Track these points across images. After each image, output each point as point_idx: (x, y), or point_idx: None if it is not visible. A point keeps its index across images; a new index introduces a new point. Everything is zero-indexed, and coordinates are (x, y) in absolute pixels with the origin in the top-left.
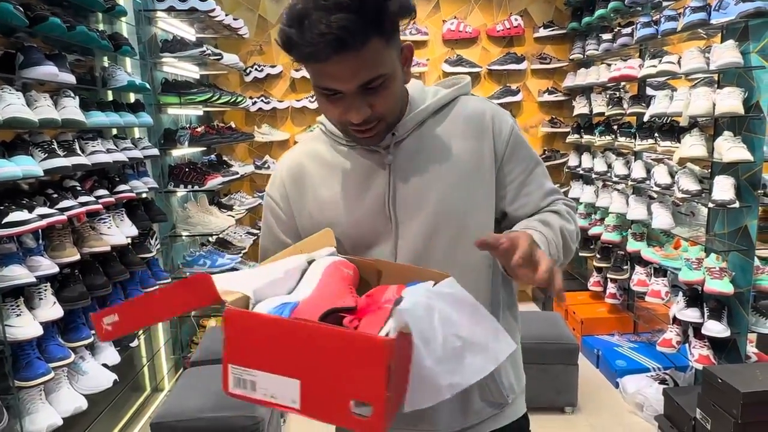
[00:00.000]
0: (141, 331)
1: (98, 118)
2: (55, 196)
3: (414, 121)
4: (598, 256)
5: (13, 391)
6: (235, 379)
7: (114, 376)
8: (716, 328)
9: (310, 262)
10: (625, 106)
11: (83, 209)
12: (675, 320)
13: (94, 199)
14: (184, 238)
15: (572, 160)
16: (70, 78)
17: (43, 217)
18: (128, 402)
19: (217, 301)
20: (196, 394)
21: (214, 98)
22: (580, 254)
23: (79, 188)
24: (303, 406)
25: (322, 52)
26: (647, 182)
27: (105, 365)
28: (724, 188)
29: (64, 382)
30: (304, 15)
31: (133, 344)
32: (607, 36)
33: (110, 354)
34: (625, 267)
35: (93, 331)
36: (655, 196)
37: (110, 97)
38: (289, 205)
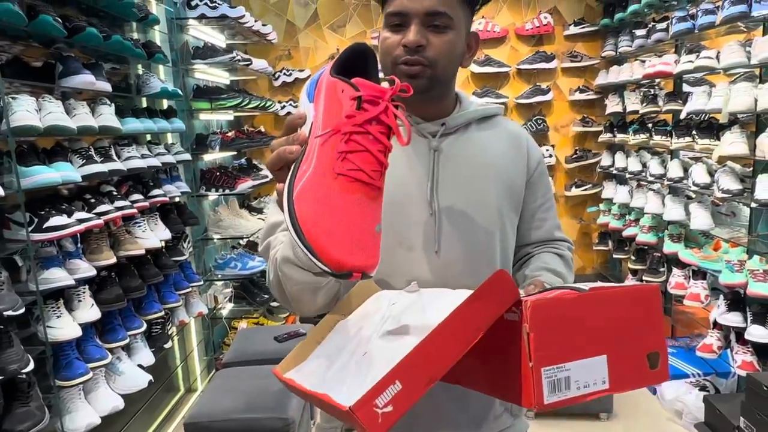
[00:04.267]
0: (175, 332)
1: (133, 124)
2: (93, 200)
3: (464, 118)
4: (632, 258)
5: (54, 391)
6: (549, 384)
7: (149, 377)
8: (760, 333)
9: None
10: (661, 103)
11: (119, 213)
12: (716, 324)
13: (129, 203)
14: (215, 241)
15: (605, 160)
16: (106, 86)
17: (81, 221)
18: (162, 402)
19: (515, 299)
20: (228, 394)
21: (244, 103)
22: (614, 256)
23: (115, 193)
24: (612, 383)
25: None
26: (684, 182)
27: (140, 366)
28: (767, 187)
29: (102, 382)
30: None
31: (167, 345)
32: (640, 32)
33: (145, 355)
34: (661, 269)
35: (129, 332)
36: (693, 195)
37: (144, 104)
38: None
